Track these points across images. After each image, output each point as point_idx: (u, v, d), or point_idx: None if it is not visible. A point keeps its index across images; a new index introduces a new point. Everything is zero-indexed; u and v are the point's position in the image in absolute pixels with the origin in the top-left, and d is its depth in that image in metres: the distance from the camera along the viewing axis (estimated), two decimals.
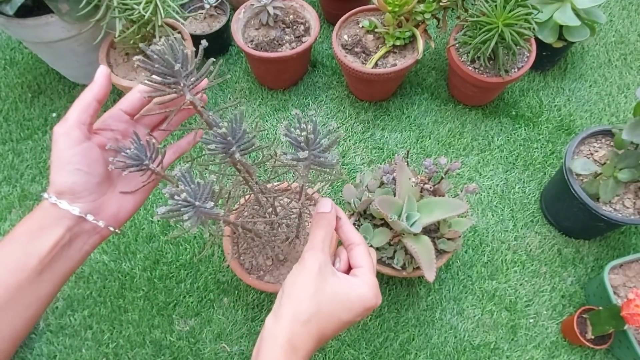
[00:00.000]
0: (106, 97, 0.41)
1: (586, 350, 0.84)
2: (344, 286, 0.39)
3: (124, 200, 0.43)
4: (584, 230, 0.92)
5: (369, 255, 0.43)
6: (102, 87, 0.40)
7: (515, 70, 0.99)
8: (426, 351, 0.84)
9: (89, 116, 0.39)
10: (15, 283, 0.37)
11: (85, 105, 0.39)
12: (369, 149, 1.06)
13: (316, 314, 0.37)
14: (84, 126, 0.39)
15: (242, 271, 0.72)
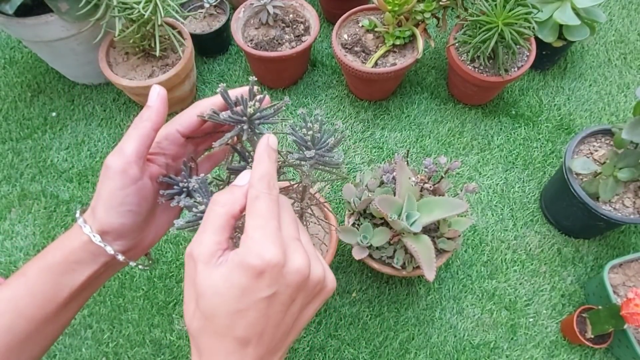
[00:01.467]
0: (163, 123, 0.36)
1: (586, 350, 0.84)
2: (222, 276, 0.29)
3: (160, 229, 0.40)
4: (584, 229, 0.92)
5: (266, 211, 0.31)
6: (161, 112, 0.35)
7: (515, 70, 0.99)
8: (426, 350, 0.84)
9: (147, 148, 0.35)
10: (43, 315, 0.35)
11: (144, 135, 0.34)
12: (369, 148, 1.06)
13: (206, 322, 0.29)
14: (142, 159, 0.35)
15: None
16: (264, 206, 0.30)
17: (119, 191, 0.34)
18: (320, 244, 0.78)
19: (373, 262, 0.79)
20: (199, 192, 0.35)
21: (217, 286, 0.28)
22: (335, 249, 0.77)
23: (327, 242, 0.79)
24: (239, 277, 0.28)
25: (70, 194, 0.99)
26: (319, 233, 0.80)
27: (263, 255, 0.28)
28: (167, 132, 0.37)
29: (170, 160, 0.38)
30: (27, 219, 0.96)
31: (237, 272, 0.28)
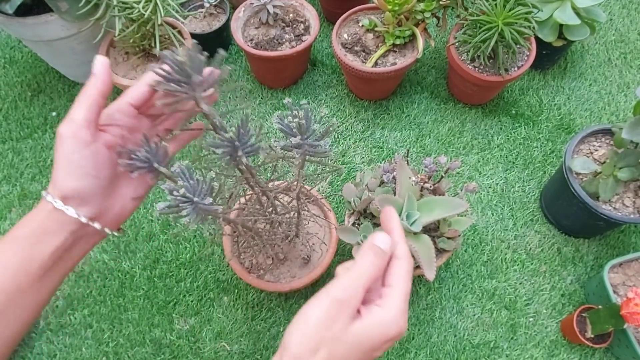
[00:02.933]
0: (110, 91, 0.39)
1: (585, 349, 0.84)
2: (366, 330, 0.33)
3: (127, 201, 0.41)
4: (584, 229, 0.92)
5: (407, 274, 0.38)
6: (106, 80, 0.38)
7: (515, 69, 0.99)
8: (426, 350, 0.84)
9: (95, 114, 0.37)
10: (15, 287, 0.36)
11: (91, 102, 0.36)
12: (369, 147, 1.06)
13: (326, 346, 0.33)
14: (92, 125, 0.37)
15: (242, 270, 0.72)
16: (407, 270, 0.37)
17: (72, 155, 0.35)
18: (320, 243, 0.78)
19: None
20: (181, 176, 0.36)
21: (357, 336, 0.33)
22: (336, 248, 0.76)
23: (327, 240, 0.79)
24: (378, 336, 0.33)
25: None
26: (319, 232, 0.80)
27: (402, 327, 0.34)
28: (119, 104, 0.39)
29: (125, 132, 0.40)
30: None
31: (377, 331, 0.33)
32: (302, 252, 0.72)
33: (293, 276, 0.72)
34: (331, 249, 0.78)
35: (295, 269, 0.72)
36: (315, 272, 0.69)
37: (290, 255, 0.73)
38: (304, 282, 0.69)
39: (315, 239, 0.78)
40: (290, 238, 0.67)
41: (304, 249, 0.73)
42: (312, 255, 0.73)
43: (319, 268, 0.69)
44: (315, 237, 0.79)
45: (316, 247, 0.74)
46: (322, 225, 0.79)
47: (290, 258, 0.73)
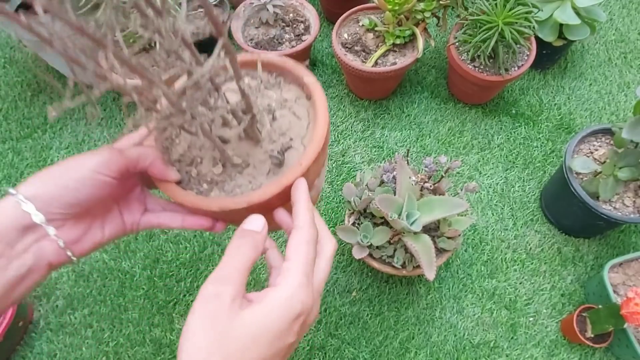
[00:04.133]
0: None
1: (586, 349, 0.84)
2: (259, 318, 0.28)
3: (110, 232, 0.39)
4: (584, 228, 0.92)
5: (305, 244, 0.32)
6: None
7: (515, 69, 0.99)
8: (426, 350, 0.84)
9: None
10: None
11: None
12: (369, 147, 1.06)
13: (216, 349, 0.27)
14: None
15: (172, 187, 0.39)
16: (306, 239, 0.32)
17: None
18: (301, 136, 0.41)
19: (373, 261, 0.79)
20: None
21: (250, 326, 0.28)
22: (326, 131, 0.39)
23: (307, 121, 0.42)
24: (279, 320, 0.28)
25: None
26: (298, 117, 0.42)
27: (306, 301, 0.30)
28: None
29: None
30: None
31: (276, 313, 0.28)
32: (272, 149, 0.40)
33: (258, 187, 0.39)
34: (315, 143, 0.38)
35: (261, 178, 0.39)
36: (288, 174, 0.36)
37: (253, 158, 0.40)
38: (269, 190, 0.36)
39: (293, 128, 0.42)
40: (243, 125, 0.37)
41: (273, 145, 0.41)
42: (289, 155, 0.40)
43: (295, 166, 0.37)
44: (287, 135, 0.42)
45: (295, 142, 0.41)
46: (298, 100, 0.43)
47: (253, 163, 0.40)
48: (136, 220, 0.40)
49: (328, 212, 0.97)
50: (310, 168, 0.37)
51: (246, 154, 0.41)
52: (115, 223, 0.39)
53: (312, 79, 0.42)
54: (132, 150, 0.36)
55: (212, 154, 0.41)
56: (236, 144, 0.41)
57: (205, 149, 0.41)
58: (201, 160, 0.41)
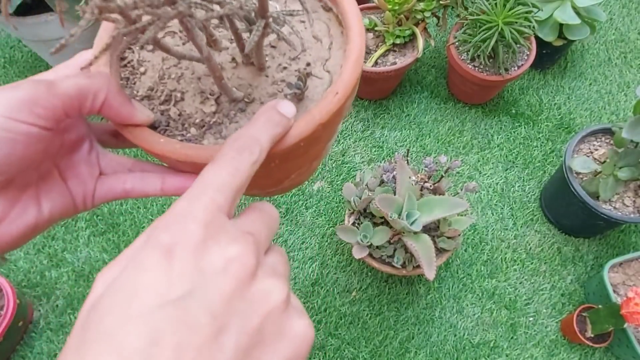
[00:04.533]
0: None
1: (586, 349, 0.84)
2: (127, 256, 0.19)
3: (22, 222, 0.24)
4: (584, 228, 0.92)
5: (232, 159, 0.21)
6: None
7: (515, 69, 0.99)
8: (426, 349, 0.84)
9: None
10: None
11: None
12: (369, 147, 1.06)
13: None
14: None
15: (146, 132, 0.26)
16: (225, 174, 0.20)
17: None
18: (323, 60, 0.29)
19: (373, 261, 0.79)
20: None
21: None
22: (359, 66, 0.27)
23: (330, 52, 0.29)
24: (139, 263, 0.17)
25: None
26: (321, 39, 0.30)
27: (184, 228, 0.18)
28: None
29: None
30: None
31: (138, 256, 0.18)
32: (283, 77, 0.29)
33: None
34: (348, 69, 0.27)
35: None
36: (321, 107, 0.25)
37: (258, 91, 0.28)
38: (299, 131, 0.25)
39: (313, 50, 0.30)
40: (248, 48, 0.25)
41: (283, 73, 0.29)
42: (311, 85, 0.28)
43: (329, 98, 0.25)
44: (313, 45, 0.30)
45: (316, 67, 0.29)
46: (314, 13, 0.31)
47: (260, 97, 0.28)
48: (89, 190, 0.26)
49: (328, 212, 0.97)
50: (348, 99, 0.26)
51: (248, 84, 0.28)
52: (57, 195, 0.25)
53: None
54: (70, 82, 0.23)
55: (197, 86, 0.28)
56: (231, 72, 0.29)
57: (185, 79, 0.29)
58: (182, 96, 0.28)
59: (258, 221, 0.22)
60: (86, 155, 0.27)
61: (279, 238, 0.94)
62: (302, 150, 0.26)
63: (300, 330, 0.19)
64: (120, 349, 0.15)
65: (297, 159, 0.28)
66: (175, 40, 0.30)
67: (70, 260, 0.92)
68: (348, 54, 0.27)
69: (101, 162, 0.28)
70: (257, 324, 0.18)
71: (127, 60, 0.29)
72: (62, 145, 0.26)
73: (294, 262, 0.92)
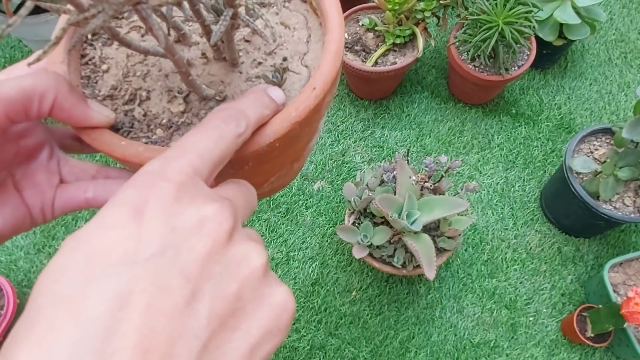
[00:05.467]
0: None
1: (586, 348, 0.84)
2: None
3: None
4: (584, 228, 0.92)
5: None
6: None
7: (516, 69, 0.99)
8: (426, 349, 0.84)
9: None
10: None
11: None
12: (369, 147, 1.06)
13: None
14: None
15: (106, 134, 0.24)
16: (207, 140, 0.19)
17: None
18: (300, 54, 0.27)
19: (373, 261, 0.79)
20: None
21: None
22: (339, 60, 0.25)
23: (308, 46, 0.28)
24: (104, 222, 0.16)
25: None
26: (297, 29, 0.28)
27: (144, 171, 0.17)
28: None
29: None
30: None
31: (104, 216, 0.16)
32: (258, 73, 0.27)
33: None
34: (332, 41, 0.25)
35: None
36: (297, 104, 0.23)
37: (231, 88, 0.26)
38: (277, 125, 0.23)
39: (284, 43, 0.28)
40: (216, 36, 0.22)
41: (258, 69, 0.27)
42: (289, 81, 0.26)
43: (307, 93, 0.23)
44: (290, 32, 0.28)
45: (294, 62, 0.27)
46: (291, 3, 0.29)
47: (232, 93, 0.26)
48: (48, 200, 0.24)
49: (328, 211, 0.97)
50: (327, 95, 0.24)
51: (220, 81, 0.26)
52: (10, 208, 0.23)
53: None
54: (10, 84, 0.20)
55: (165, 84, 0.26)
56: (202, 69, 0.27)
57: (152, 77, 0.26)
58: (148, 95, 0.26)
59: (236, 191, 0.20)
60: (45, 162, 0.25)
61: (279, 238, 0.94)
62: (278, 151, 0.24)
63: (281, 298, 0.17)
64: (79, 314, 0.13)
65: (274, 160, 0.25)
66: (142, 37, 0.28)
67: None
68: (327, 46, 0.25)
69: (62, 170, 0.25)
70: (234, 289, 0.16)
71: (88, 57, 0.27)
72: (17, 152, 0.23)
73: (294, 262, 0.92)
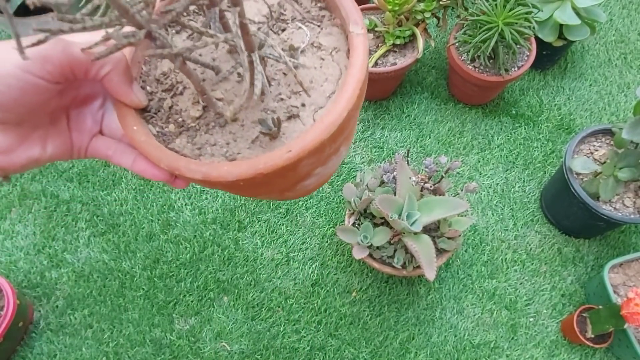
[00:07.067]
0: None
1: (586, 349, 0.84)
2: None
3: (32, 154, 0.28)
4: (584, 229, 0.92)
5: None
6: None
7: (515, 69, 0.99)
8: (426, 350, 0.84)
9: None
10: None
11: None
12: (369, 147, 1.06)
13: None
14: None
15: (130, 114, 0.29)
16: None
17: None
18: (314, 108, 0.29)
19: (373, 261, 0.79)
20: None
21: None
22: (359, 86, 0.27)
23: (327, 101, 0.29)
24: None
25: (70, 194, 0.99)
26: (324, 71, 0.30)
27: None
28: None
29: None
30: (27, 219, 0.96)
31: None
32: (273, 108, 0.29)
33: (232, 156, 0.28)
34: (335, 110, 0.26)
35: (242, 144, 0.29)
36: (269, 156, 0.26)
37: (246, 113, 0.29)
38: (236, 171, 0.26)
39: (313, 88, 0.29)
40: (237, 65, 0.29)
41: (278, 104, 0.29)
42: (291, 127, 0.28)
43: (282, 150, 0.26)
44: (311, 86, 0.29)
45: (306, 112, 0.29)
46: (336, 53, 0.30)
47: (244, 120, 0.29)
48: (84, 144, 0.30)
49: (328, 212, 0.97)
50: (304, 156, 0.25)
51: (240, 105, 0.27)
52: (61, 140, 0.29)
53: (360, 30, 0.28)
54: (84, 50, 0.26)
55: (191, 91, 0.30)
56: (231, 85, 0.29)
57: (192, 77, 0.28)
58: (182, 91, 0.30)
59: None
60: (95, 111, 0.31)
61: (279, 239, 0.94)
62: (240, 187, 0.28)
63: None
64: None
65: (263, 187, 0.29)
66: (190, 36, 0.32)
67: (70, 260, 0.92)
68: (325, 116, 0.26)
69: (104, 122, 0.31)
70: None
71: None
72: (75, 97, 0.29)
73: (294, 263, 0.92)
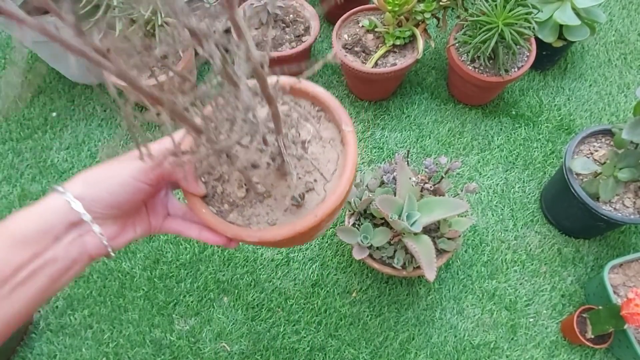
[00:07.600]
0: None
1: (586, 350, 0.84)
2: None
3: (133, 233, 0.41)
4: (584, 229, 0.92)
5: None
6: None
7: (515, 70, 0.99)
8: (426, 350, 0.84)
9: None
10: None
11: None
12: (369, 148, 1.06)
13: None
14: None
15: (197, 201, 0.41)
16: None
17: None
18: (324, 181, 0.42)
19: (373, 262, 0.79)
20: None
21: None
22: (351, 179, 0.40)
23: (332, 177, 0.42)
24: None
25: None
26: (327, 159, 0.43)
27: None
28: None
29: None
30: None
31: None
32: (295, 188, 0.41)
33: (272, 222, 0.41)
34: (340, 186, 0.40)
35: (278, 213, 0.41)
36: (302, 221, 0.38)
37: (276, 191, 0.42)
38: (281, 232, 0.39)
39: (321, 168, 0.42)
40: (275, 164, 0.40)
41: (297, 185, 0.41)
42: (309, 198, 0.41)
43: (310, 215, 0.38)
44: (320, 168, 0.43)
45: (318, 185, 0.41)
46: (333, 142, 0.43)
47: (276, 195, 0.42)
48: (159, 224, 0.43)
49: None
50: (325, 218, 0.39)
51: (271, 184, 0.42)
52: (144, 223, 0.41)
53: (350, 128, 0.42)
54: (167, 164, 0.37)
55: (239, 175, 0.42)
56: (264, 172, 0.42)
57: (234, 169, 0.40)
58: (228, 178, 0.42)
59: None
60: (163, 198, 0.43)
61: None
62: (285, 244, 0.45)
63: None
64: None
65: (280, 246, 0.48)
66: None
67: None
68: (335, 189, 0.40)
69: (169, 205, 0.44)
70: None
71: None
72: (153, 193, 0.41)
73: (294, 263, 0.92)
